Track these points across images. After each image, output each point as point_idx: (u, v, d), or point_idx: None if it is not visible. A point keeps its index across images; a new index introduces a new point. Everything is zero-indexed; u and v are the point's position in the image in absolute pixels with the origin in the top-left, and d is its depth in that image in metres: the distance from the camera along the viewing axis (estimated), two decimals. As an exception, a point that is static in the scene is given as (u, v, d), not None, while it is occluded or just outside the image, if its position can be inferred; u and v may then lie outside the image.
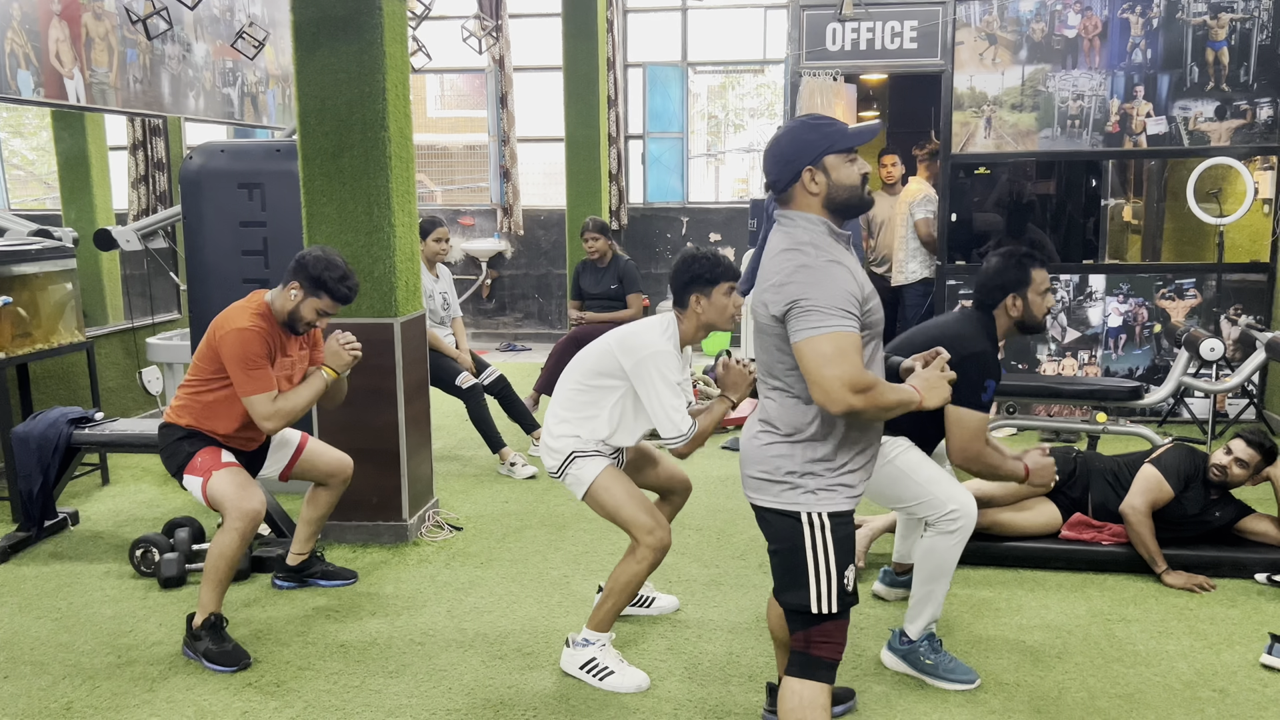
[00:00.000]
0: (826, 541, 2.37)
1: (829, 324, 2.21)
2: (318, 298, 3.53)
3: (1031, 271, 3.27)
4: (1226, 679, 3.30)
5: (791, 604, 2.41)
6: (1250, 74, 6.21)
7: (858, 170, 2.37)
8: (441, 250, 5.85)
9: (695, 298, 3.23)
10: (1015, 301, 3.27)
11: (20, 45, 5.56)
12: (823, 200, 2.36)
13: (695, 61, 10.25)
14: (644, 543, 3.21)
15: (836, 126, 2.37)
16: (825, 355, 2.20)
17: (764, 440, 2.43)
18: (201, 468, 3.51)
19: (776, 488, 2.40)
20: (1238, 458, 4.05)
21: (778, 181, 2.39)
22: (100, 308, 6.60)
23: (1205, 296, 6.41)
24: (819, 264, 2.28)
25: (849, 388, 2.19)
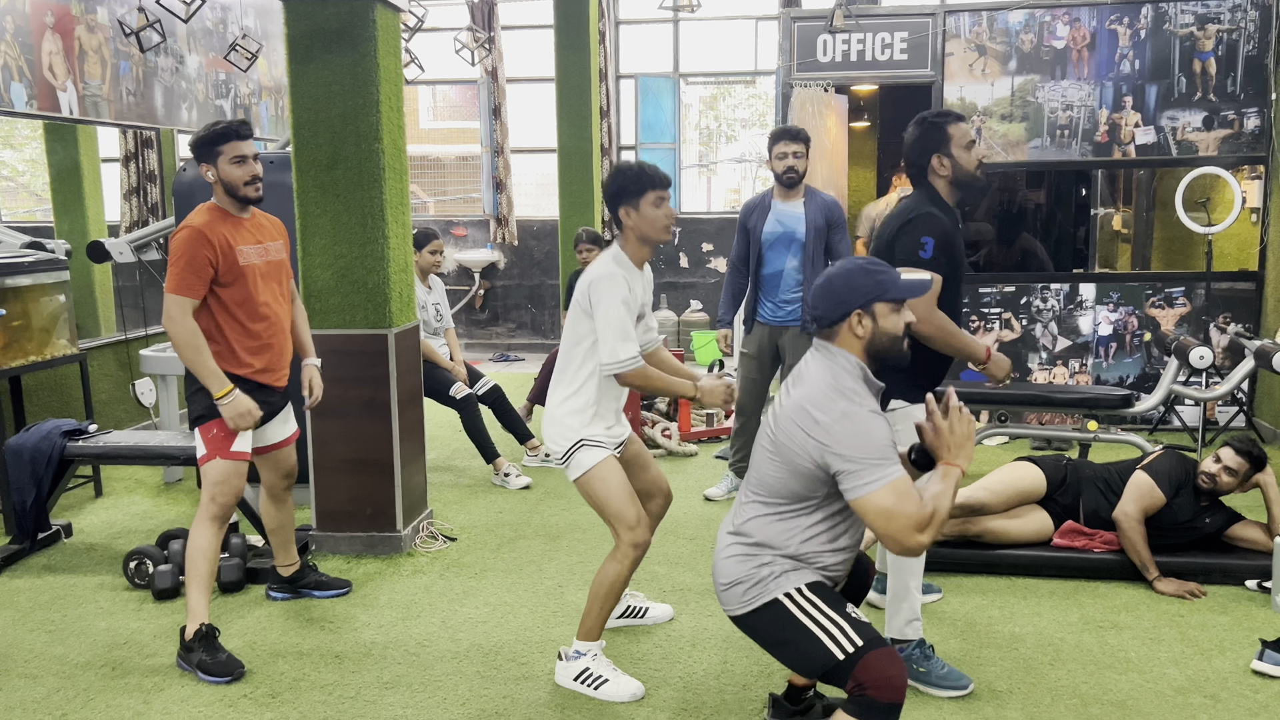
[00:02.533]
0: (813, 601, 2.44)
1: (881, 476, 2.31)
2: (220, 154, 3.49)
3: (948, 128, 3.25)
4: (1218, 685, 3.32)
5: (825, 669, 2.42)
6: (1237, 84, 6.26)
7: (902, 320, 2.46)
8: (436, 262, 5.86)
9: (624, 211, 3.22)
10: (942, 161, 3.26)
11: (13, 58, 5.57)
12: (865, 344, 2.45)
13: (687, 73, 10.30)
14: (625, 539, 3.23)
15: (889, 275, 2.46)
16: (889, 509, 2.30)
17: (734, 550, 2.53)
18: (213, 442, 3.49)
19: (743, 587, 2.48)
20: (1227, 466, 4.08)
21: (824, 318, 2.47)
22: (93, 320, 6.59)
23: (1194, 305, 6.45)
24: (862, 415, 2.36)
25: (916, 529, 2.29)
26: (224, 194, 3.55)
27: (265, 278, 3.61)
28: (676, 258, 10.18)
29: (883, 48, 6.58)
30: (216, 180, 3.53)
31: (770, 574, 2.45)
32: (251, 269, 3.54)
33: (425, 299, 5.82)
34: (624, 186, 3.21)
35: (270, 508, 3.95)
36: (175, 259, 3.41)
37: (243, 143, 3.53)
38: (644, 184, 3.20)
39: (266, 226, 3.70)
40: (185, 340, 3.41)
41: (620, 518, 3.24)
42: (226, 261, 3.47)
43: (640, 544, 3.25)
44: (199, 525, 3.47)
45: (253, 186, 3.55)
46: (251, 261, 3.55)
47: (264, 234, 3.66)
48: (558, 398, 3.32)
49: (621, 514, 3.24)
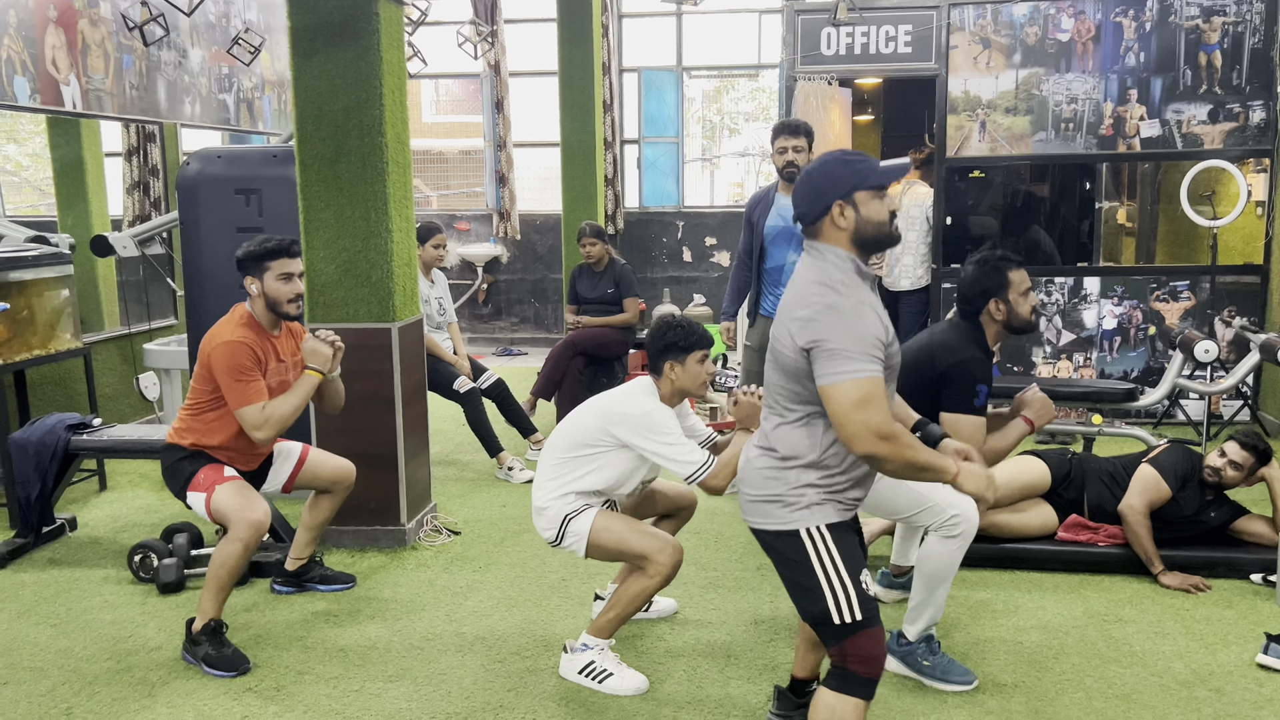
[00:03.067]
0: (831, 551, 2.39)
1: (856, 369, 2.25)
2: (268, 269, 3.54)
3: (1009, 274, 3.28)
4: (1223, 679, 3.32)
5: (814, 618, 2.42)
6: (1243, 77, 6.24)
7: (887, 206, 2.40)
8: (439, 256, 5.86)
9: (669, 365, 3.28)
10: (999, 306, 3.29)
11: (16, 52, 5.56)
12: (850, 235, 2.39)
13: (690, 66, 10.28)
14: (658, 562, 3.22)
15: (868, 163, 2.41)
16: (852, 400, 2.24)
17: (762, 464, 2.46)
18: (204, 483, 3.52)
19: (770, 508, 2.43)
20: (1232, 460, 4.07)
21: (806, 214, 2.42)
22: (97, 314, 6.60)
23: (1199, 298, 6.44)
24: (848, 305, 2.31)
25: (874, 434, 2.24)
26: (264, 308, 3.59)
27: (278, 391, 3.65)
28: (680, 252, 10.17)
29: (887, 40, 6.56)
30: (260, 294, 3.57)
31: (797, 502, 2.39)
32: (269, 389, 3.59)
33: (428, 293, 5.82)
34: (674, 343, 3.28)
35: (321, 502, 3.95)
36: (225, 375, 3.46)
37: (292, 260, 3.58)
38: (694, 343, 3.27)
39: (290, 341, 3.75)
40: (283, 419, 3.52)
41: (645, 552, 3.24)
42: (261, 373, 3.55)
43: (674, 563, 3.24)
44: (231, 543, 3.44)
45: (295, 304, 3.60)
46: (271, 382, 3.61)
47: (286, 350, 3.71)
48: (548, 491, 3.34)
49: (644, 548, 3.24)
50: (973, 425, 3.18)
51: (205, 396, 3.58)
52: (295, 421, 3.88)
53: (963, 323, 3.35)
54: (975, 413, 3.18)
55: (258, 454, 3.73)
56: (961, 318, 3.37)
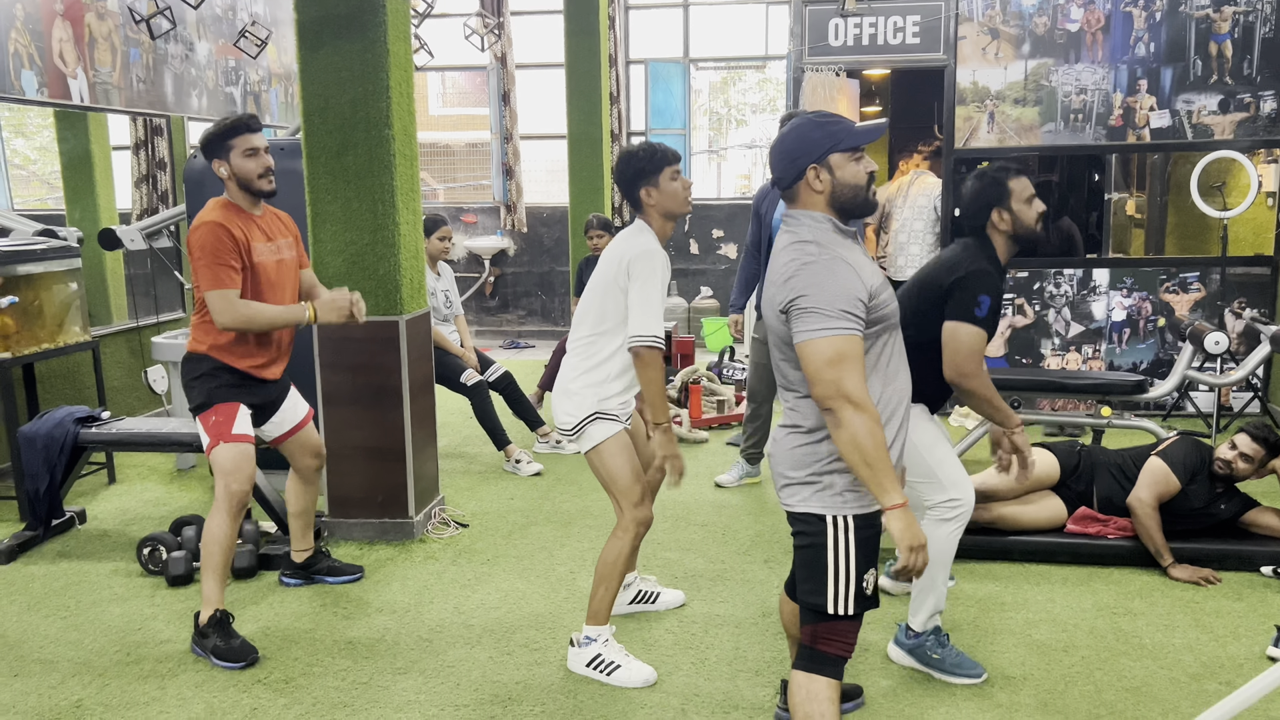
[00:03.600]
0: (849, 545, 2.36)
1: (830, 326, 2.21)
2: (232, 148, 3.49)
3: (1009, 183, 3.23)
4: (1233, 671, 3.30)
5: (808, 602, 2.41)
6: (1254, 67, 6.20)
7: (863, 169, 2.36)
8: (445, 249, 5.85)
9: (645, 191, 3.26)
10: (1002, 215, 3.23)
11: (24, 45, 5.56)
12: (827, 199, 2.36)
13: (697, 58, 10.26)
14: (628, 515, 3.24)
15: (843, 125, 2.36)
16: (825, 357, 2.20)
17: (790, 440, 2.43)
18: (214, 428, 3.49)
19: (805, 490, 2.39)
20: (1242, 452, 4.05)
21: (782, 178, 2.39)
22: (105, 307, 6.61)
23: (1209, 290, 6.41)
24: (821, 261, 2.27)
25: (843, 395, 2.19)
26: (237, 189, 3.54)
27: (276, 275, 3.60)
28: (687, 244, 10.15)
29: (895, 31, 6.53)
30: (230, 175, 3.52)
31: (831, 485, 2.35)
32: (263, 267, 3.54)
33: (435, 286, 5.82)
34: (641, 168, 3.25)
35: (298, 489, 3.96)
36: (201, 256, 3.40)
37: (254, 135, 3.53)
38: (659, 161, 3.25)
39: (278, 223, 3.70)
40: (250, 318, 3.42)
41: (627, 494, 3.25)
42: (244, 258, 3.48)
43: (644, 521, 3.27)
44: (215, 515, 3.47)
45: (266, 179, 3.55)
46: (264, 259, 3.55)
47: (275, 231, 3.66)
48: (574, 372, 3.30)
49: (629, 490, 3.25)
50: (971, 335, 3.11)
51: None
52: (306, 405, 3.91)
53: (971, 241, 3.29)
54: (976, 323, 3.12)
55: (275, 359, 3.65)
56: (970, 235, 3.31)
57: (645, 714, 3.08)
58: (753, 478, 5.34)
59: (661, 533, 4.60)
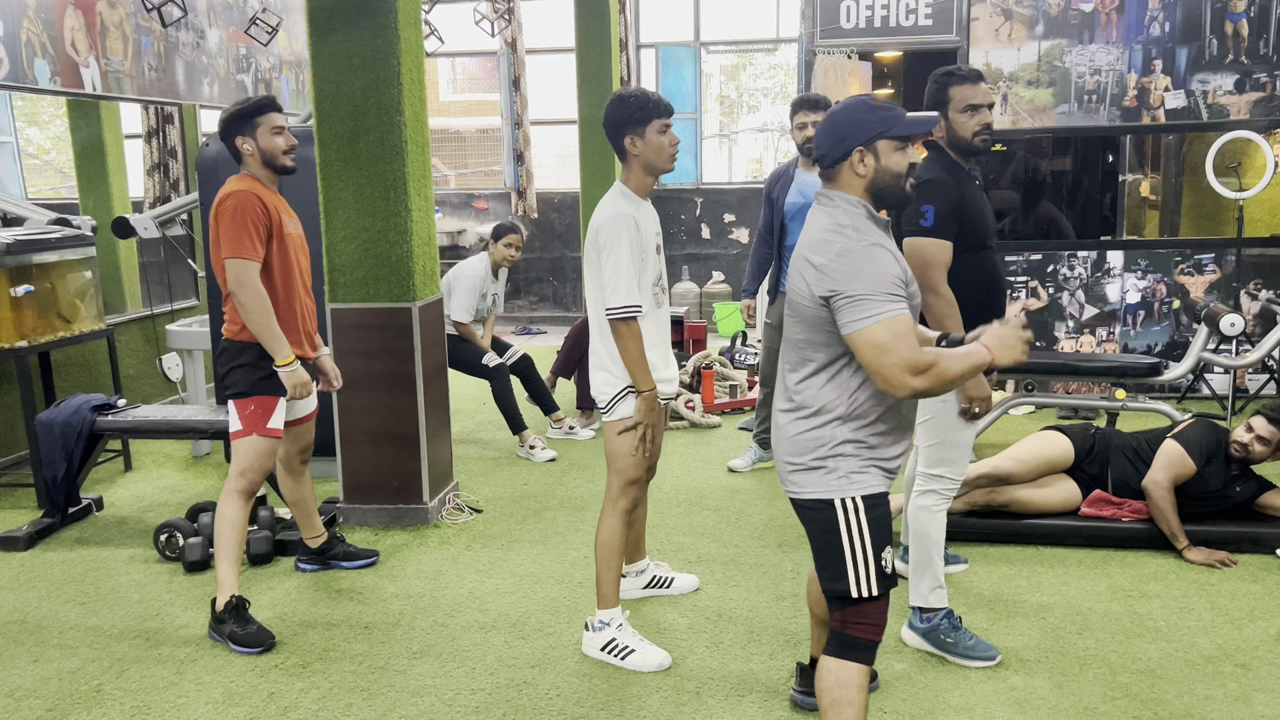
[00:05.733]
0: (861, 525, 2.37)
1: (880, 311, 2.21)
2: (258, 125, 3.53)
3: (950, 89, 3.15)
4: (1248, 654, 3.30)
5: (832, 589, 2.42)
6: (1270, 46, 6.14)
7: (906, 159, 2.36)
8: (510, 256, 5.84)
9: (630, 140, 3.16)
10: (941, 124, 3.16)
11: (36, 34, 5.58)
12: (867, 184, 2.36)
13: (708, 41, 10.21)
14: (617, 490, 3.26)
15: (895, 112, 2.36)
16: (881, 344, 2.20)
17: (794, 426, 2.41)
18: (249, 419, 3.50)
19: (809, 476, 2.39)
20: (1259, 435, 4.03)
21: (826, 157, 2.38)
22: (119, 295, 6.64)
23: (1225, 271, 6.36)
24: (861, 248, 2.26)
25: (909, 371, 2.19)
26: (261, 165, 3.57)
27: (300, 247, 3.67)
28: (698, 229, 10.13)
29: (907, 13, 6.49)
30: (254, 151, 3.55)
31: (837, 469, 2.35)
32: (291, 239, 3.60)
33: (488, 289, 5.83)
34: (629, 115, 3.14)
35: (288, 481, 3.98)
36: (227, 223, 3.41)
37: (278, 114, 3.59)
38: (650, 111, 3.14)
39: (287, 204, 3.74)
40: (258, 304, 3.42)
41: (625, 471, 3.26)
42: (276, 228, 3.51)
43: (634, 499, 3.29)
44: (226, 498, 3.50)
45: (289, 155, 3.59)
46: (292, 231, 3.60)
47: (290, 210, 3.70)
48: (606, 351, 3.24)
49: (628, 471, 3.26)
50: (926, 247, 3.04)
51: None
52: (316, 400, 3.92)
53: (928, 154, 3.22)
54: (927, 233, 3.06)
55: (303, 342, 3.67)
56: (925, 145, 3.24)
57: (660, 698, 3.10)
58: (765, 462, 5.35)
59: (675, 518, 4.61)
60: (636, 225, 3.13)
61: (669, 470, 5.29)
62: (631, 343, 3.12)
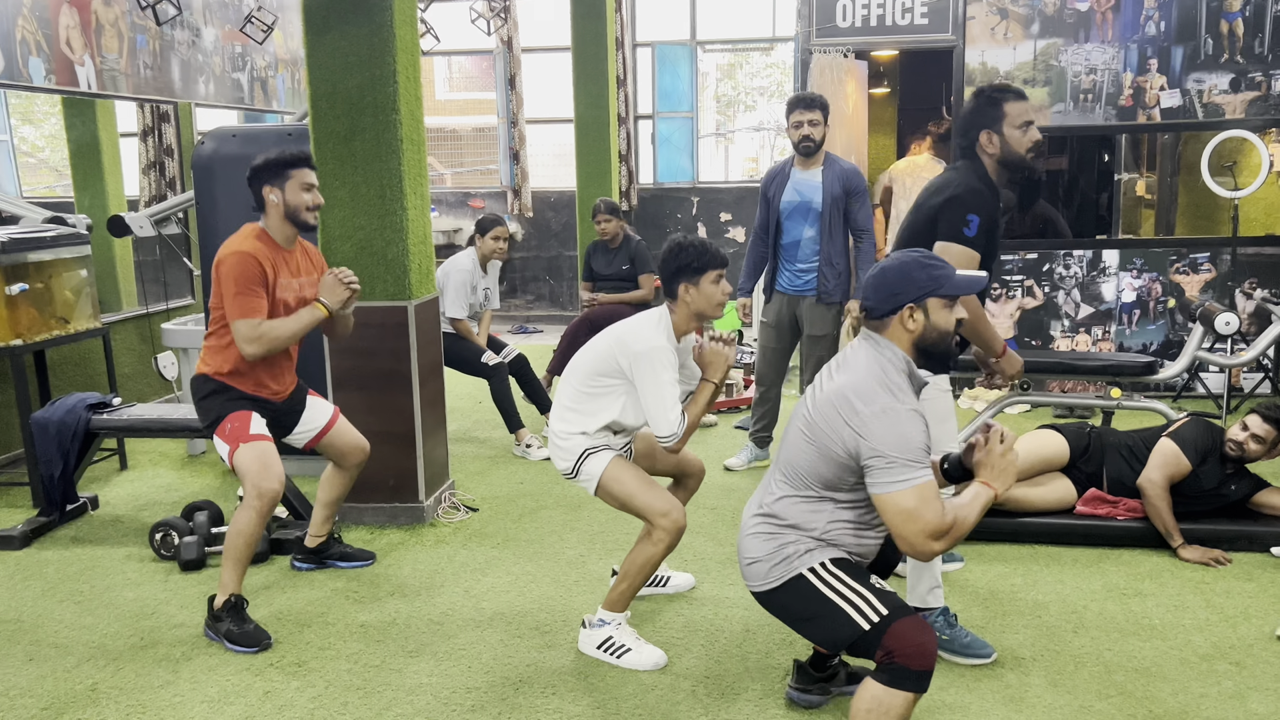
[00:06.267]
0: (837, 574, 2.45)
1: (911, 477, 2.30)
2: (290, 177, 3.52)
3: (1004, 106, 3.17)
4: (1243, 652, 3.31)
5: (850, 643, 2.43)
6: (1265, 45, 6.15)
7: (954, 316, 2.43)
8: (499, 249, 5.85)
9: (684, 287, 3.22)
10: (991, 139, 3.19)
11: (31, 32, 5.57)
12: (915, 339, 2.42)
13: (704, 40, 10.21)
14: (659, 525, 3.21)
15: (945, 270, 2.42)
16: (910, 510, 2.29)
17: (760, 529, 2.53)
18: (231, 435, 3.51)
19: (766, 566, 2.50)
20: (1254, 434, 4.04)
21: (875, 309, 2.44)
22: (115, 294, 6.63)
23: (1220, 271, 6.38)
24: (903, 413, 2.34)
25: (932, 537, 2.30)
26: (282, 218, 3.56)
27: (295, 311, 3.63)
28: (694, 228, 10.13)
29: (903, 12, 6.49)
30: (279, 203, 3.54)
31: (795, 551, 2.45)
32: (283, 302, 3.58)
33: (479, 282, 5.83)
34: (687, 264, 3.20)
35: (334, 478, 3.95)
36: (229, 284, 3.43)
37: (311, 171, 3.58)
38: (707, 262, 3.20)
39: (306, 259, 3.73)
40: (274, 339, 3.47)
41: (648, 510, 3.23)
42: (268, 289, 3.51)
43: (674, 529, 3.22)
44: (245, 511, 3.45)
45: (313, 214, 3.59)
46: (285, 295, 3.58)
47: (303, 267, 3.68)
48: (563, 424, 3.32)
49: (649, 506, 3.24)
50: (962, 255, 3.07)
51: (223, 318, 3.53)
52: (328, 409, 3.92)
53: (961, 163, 3.25)
54: (966, 243, 3.09)
55: (284, 382, 3.69)
56: (962, 157, 3.26)
57: (656, 696, 3.10)
58: (762, 460, 5.35)
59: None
60: (672, 359, 3.23)
61: (665, 469, 5.29)
62: (688, 437, 3.22)
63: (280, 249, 3.59)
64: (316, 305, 3.58)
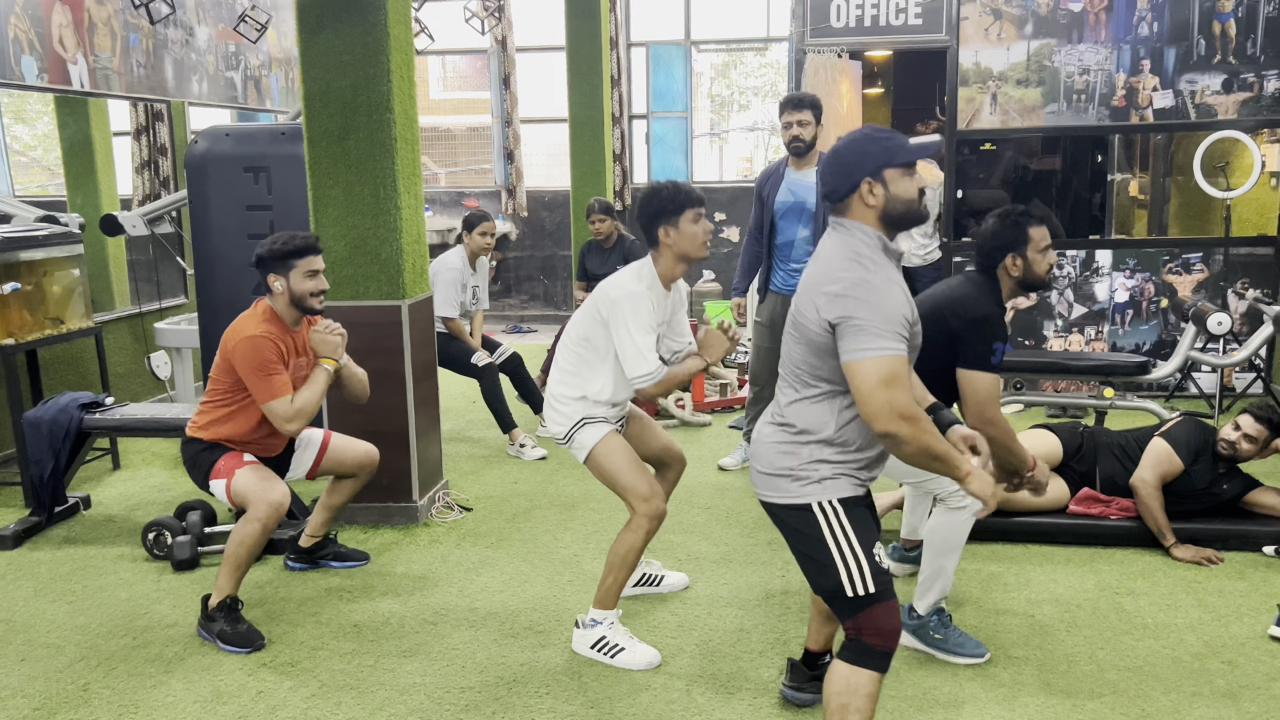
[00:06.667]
0: (844, 524, 2.38)
1: (882, 346, 2.23)
2: (294, 267, 3.53)
3: (1029, 230, 3.26)
4: (1235, 651, 3.32)
5: (828, 593, 2.42)
6: (1257, 46, 6.17)
7: (915, 184, 2.39)
8: (486, 245, 5.85)
9: (664, 230, 3.21)
10: (1015, 261, 3.26)
11: (23, 31, 5.55)
12: (879, 213, 2.38)
13: (699, 40, 10.22)
14: (640, 510, 3.23)
15: (898, 140, 2.39)
16: (877, 377, 2.23)
17: (775, 438, 2.45)
18: (224, 470, 3.53)
19: (782, 482, 2.43)
20: (1246, 433, 4.05)
21: (835, 191, 2.40)
22: (107, 293, 6.61)
23: (1212, 271, 6.39)
24: (879, 281, 2.29)
25: (896, 413, 2.23)
26: (288, 305, 3.58)
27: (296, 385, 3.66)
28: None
29: (897, 12, 6.50)
30: (284, 291, 3.55)
31: (809, 476, 2.39)
32: (295, 383, 3.60)
33: (468, 280, 5.82)
34: (663, 207, 3.20)
35: (343, 485, 3.97)
36: (250, 373, 3.47)
37: (317, 257, 3.58)
38: (682, 202, 3.19)
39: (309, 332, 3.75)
40: (307, 410, 3.52)
41: (631, 490, 3.25)
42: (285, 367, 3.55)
43: (654, 515, 3.25)
44: (249, 522, 3.45)
45: (319, 299, 3.60)
46: (296, 376, 3.62)
47: (305, 346, 3.71)
48: (561, 386, 3.33)
49: (632, 487, 3.25)
50: (988, 382, 3.15)
51: (224, 390, 3.58)
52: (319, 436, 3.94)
53: (979, 277, 3.32)
54: (992, 370, 3.16)
55: (277, 443, 3.74)
56: (979, 272, 3.34)
57: (650, 696, 3.10)
58: None
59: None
60: (650, 305, 3.20)
61: (659, 468, 5.29)
62: (663, 387, 3.18)
63: (289, 329, 3.62)
64: (323, 363, 3.63)
